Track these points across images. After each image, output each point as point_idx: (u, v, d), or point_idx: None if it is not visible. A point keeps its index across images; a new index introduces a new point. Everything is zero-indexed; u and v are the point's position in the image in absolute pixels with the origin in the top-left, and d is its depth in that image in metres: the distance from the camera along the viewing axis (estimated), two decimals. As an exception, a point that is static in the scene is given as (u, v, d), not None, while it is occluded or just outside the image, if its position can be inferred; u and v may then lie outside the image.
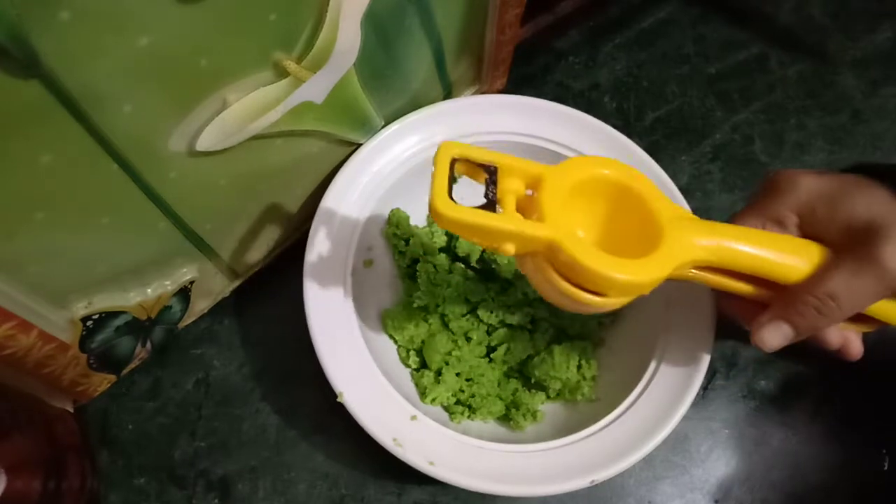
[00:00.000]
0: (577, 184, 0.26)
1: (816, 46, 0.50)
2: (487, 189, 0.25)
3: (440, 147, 0.25)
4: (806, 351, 0.39)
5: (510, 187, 0.26)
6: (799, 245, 0.28)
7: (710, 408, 0.39)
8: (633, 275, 0.24)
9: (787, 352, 0.39)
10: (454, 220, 0.24)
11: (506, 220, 0.25)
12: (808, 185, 0.29)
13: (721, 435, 0.38)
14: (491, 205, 0.25)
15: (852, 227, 0.27)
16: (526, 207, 0.26)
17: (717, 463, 0.37)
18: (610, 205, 0.27)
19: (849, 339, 0.30)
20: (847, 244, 0.27)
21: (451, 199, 0.24)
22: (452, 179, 0.25)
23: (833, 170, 0.30)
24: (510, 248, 0.25)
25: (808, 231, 0.29)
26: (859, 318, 0.29)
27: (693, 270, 0.27)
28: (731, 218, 0.31)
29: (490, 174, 0.26)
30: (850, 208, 0.27)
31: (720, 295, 0.31)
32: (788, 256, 0.27)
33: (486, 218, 0.24)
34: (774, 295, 0.28)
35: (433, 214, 0.24)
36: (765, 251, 0.27)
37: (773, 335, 0.28)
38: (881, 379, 0.39)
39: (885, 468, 0.37)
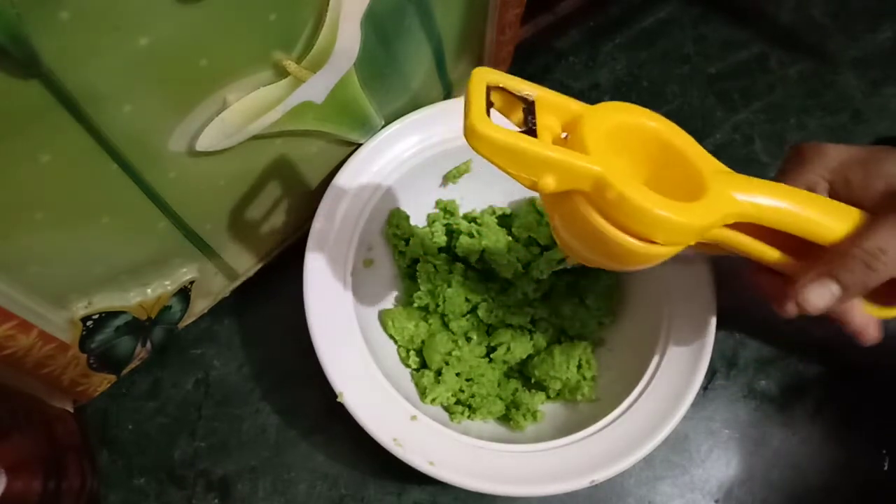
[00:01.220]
0: (617, 127, 0.24)
1: (817, 46, 0.49)
2: (526, 118, 0.23)
3: (473, 73, 0.23)
4: (806, 350, 0.40)
5: (546, 124, 0.24)
6: (838, 207, 0.26)
7: (710, 408, 0.38)
8: (684, 216, 0.22)
9: (787, 351, 0.40)
10: (494, 141, 0.21)
11: (553, 147, 0.22)
12: (837, 153, 0.28)
13: (721, 435, 0.38)
14: (531, 133, 0.23)
15: (891, 189, 0.26)
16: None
17: (718, 463, 0.37)
18: (647, 160, 0.25)
19: (868, 323, 0.29)
20: (887, 206, 0.26)
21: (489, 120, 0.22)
22: (489, 104, 0.22)
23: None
24: (550, 182, 0.22)
25: (840, 198, 0.28)
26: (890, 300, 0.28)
27: (728, 230, 0.26)
28: None
29: (527, 106, 0.23)
30: (886, 171, 0.27)
31: (750, 270, 0.30)
32: (827, 216, 0.26)
33: (530, 143, 0.21)
34: (805, 265, 0.27)
35: (469, 135, 0.22)
36: (805, 209, 0.25)
37: (820, 294, 0.26)
38: (881, 379, 0.39)
39: (885, 468, 0.37)
